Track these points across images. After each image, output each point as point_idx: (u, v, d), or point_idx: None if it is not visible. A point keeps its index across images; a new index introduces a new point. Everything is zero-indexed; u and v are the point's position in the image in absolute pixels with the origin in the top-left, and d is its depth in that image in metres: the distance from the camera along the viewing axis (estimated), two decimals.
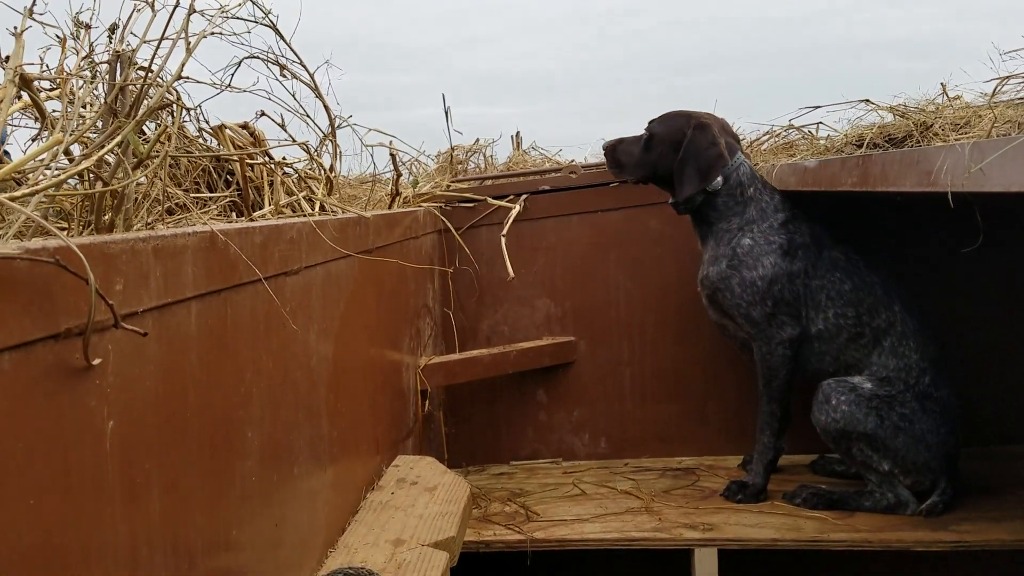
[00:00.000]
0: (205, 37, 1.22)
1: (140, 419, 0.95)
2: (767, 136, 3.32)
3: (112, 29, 1.51)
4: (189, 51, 1.16)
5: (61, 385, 0.81)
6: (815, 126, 3.08)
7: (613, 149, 2.75)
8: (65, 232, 1.14)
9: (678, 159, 2.57)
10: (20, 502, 0.74)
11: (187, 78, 1.29)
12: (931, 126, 2.11)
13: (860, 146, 2.43)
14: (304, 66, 1.97)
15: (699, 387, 3.07)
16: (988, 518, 2.35)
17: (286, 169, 2.02)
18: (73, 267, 0.79)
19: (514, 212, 3.00)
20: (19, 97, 1.26)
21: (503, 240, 2.89)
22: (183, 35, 1.20)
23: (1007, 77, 1.39)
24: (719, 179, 2.56)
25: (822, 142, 2.99)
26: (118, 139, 1.00)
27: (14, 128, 1.36)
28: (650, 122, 2.70)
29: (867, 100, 2.55)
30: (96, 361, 0.85)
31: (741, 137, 3.59)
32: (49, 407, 0.79)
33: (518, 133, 4.24)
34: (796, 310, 2.52)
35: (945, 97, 2.40)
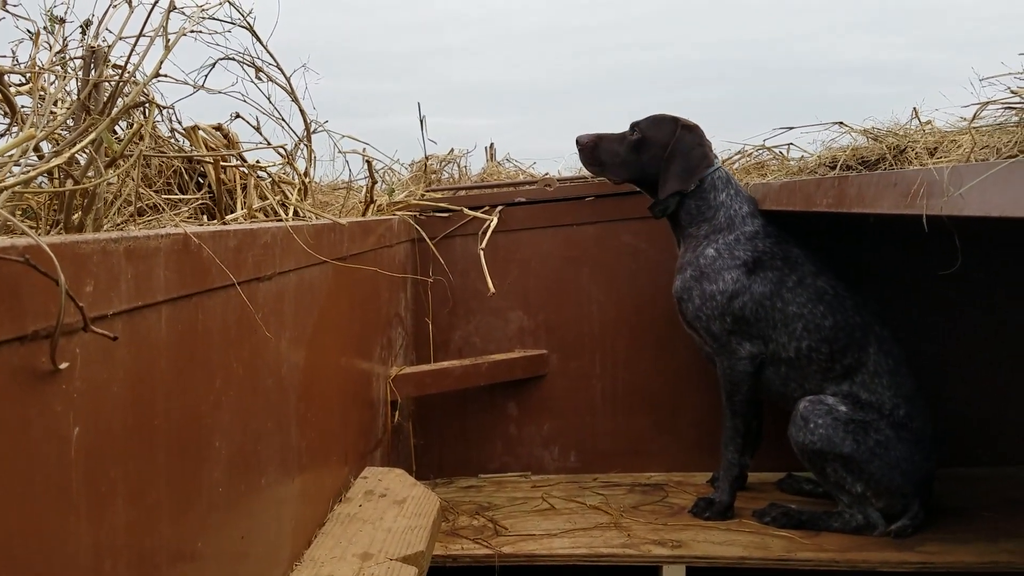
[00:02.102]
0: (184, 35, 1.20)
1: (107, 426, 0.92)
2: (738, 155, 3.35)
3: (86, 24, 1.47)
4: (168, 48, 1.13)
5: (26, 389, 0.78)
6: (786, 147, 3.13)
7: (595, 147, 2.71)
8: (33, 232, 1.11)
9: (665, 157, 2.58)
10: None
11: (165, 76, 1.26)
12: (904, 150, 2.14)
13: (833, 167, 2.46)
14: (281, 69, 1.94)
15: (670, 402, 3.07)
16: (954, 540, 2.37)
17: (260, 173, 1.99)
18: (43, 267, 0.76)
19: (492, 224, 2.99)
20: None
21: (482, 254, 2.87)
22: (161, 33, 1.17)
23: (987, 103, 1.41)
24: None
25: (793, 163, 3.03)
26: (92, 136, 0.97)
27: None
28: (635, 124, 2.68)
29: (840, 123, 2.59)
30: (63, 365, 0.82)
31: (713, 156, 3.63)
32: (13, 412, 0.76)
33: (492, 144, 4.23)
34: (761, 331, 2.51)
35: (917, 122, 2.44)
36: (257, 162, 2.00)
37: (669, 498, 2.81)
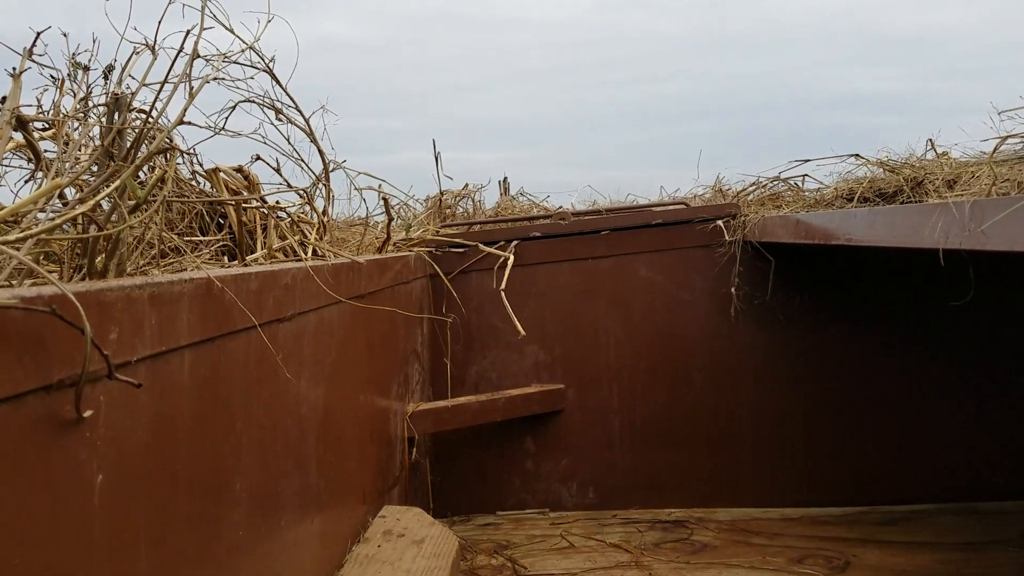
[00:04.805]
0: (207, 83, 1.21)
1: (130, 472, 0.92)
2: (753, 187, 3.35)
3: (108, 70, 1.50)
4: (192, 96, 1.15)
5: (51, 438, 0.78)
6: (801, 178, 3.13)
7: None
8: (56, 277, 1.12)
9: None
10: (6, 560, 0.70)
11: (188, 123, 1.28)
12: (921, 182, 2.13)
13: (851, 200, 2.45)
14: (300, 111, 1.96)
15: (688, 436, 3.04)
16: (979, 574, 2.32)
17: (279, 213, 2.01)
18: (69, 316, 0.77)
19: (509, 262, 2.97)
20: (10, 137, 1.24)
21: (503, 295, 2.84)
22: (185, 79, 1.18)
23: (1007, 136, 1.41)
24: None
25: (809, 195, 3.03)
26: (116, 184, 0.98)
27: (7, 169, 1.34)
28: None
29: (856, 155, 2.58)
30: (87, 413, 0.82)
31: (727, 187, 3.63)
32: (38, 461, 0.76)
33: (505, 179, 4.26)
34: None
35: (933, 153, 2.44)
36: (277, 202, 2.01)
37: (692, 536, 2.77)
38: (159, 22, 1.23)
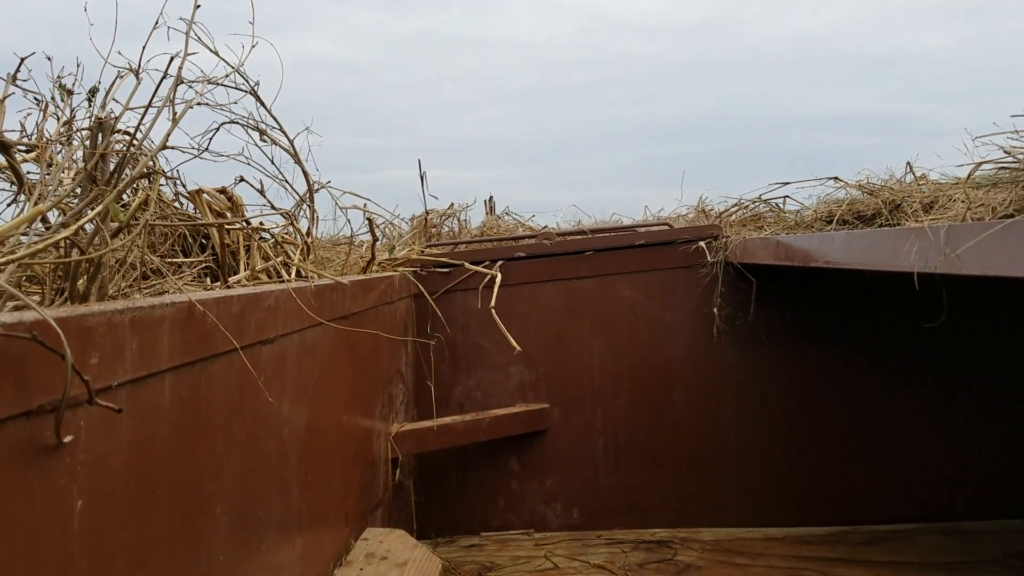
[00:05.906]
0: (191, 108, 1.22)
1: (109, 498, 0.91)
2: (736, 208, 3.38)
3: (92, 92, 1.50)
4: (176, 120, 1.15)
5: (30, 464, 0.77)
6: (782, 200, 3.16)
7: None
8: (37, 299, 1.11)
9: None
10: None
11: (172, 147, 1.28)
12: (899, 204, 2.16)
13: (830, 222, 2.48)
14: (284, 132, 1.97)
15: (671, 455, 3.05)
16: None
17: (263, 234, 2.01)
18: (50, 342, 0.77)
19: (497, 279, 2.97)
20: None
21: (493, 312, 2.83)
22: (169, 104, 1.19)
23: (981, 163, 1.43)
24: None
25: (790, 216, 3.06)
26: (99, 209, 0.98)
27: None
28: None
29: (835, 178, 2.62)
30: (68, 438, 0.82)
31: (710, 208, 3.67)
32: (17, 487, 0.76)
33: (491, 198, 4.28)
34: None
35: (911, 176, 2.47)
36: (261, 224, 2.01)
37: (676, 556, 2.77)
38: (143, 47, 1.24)
